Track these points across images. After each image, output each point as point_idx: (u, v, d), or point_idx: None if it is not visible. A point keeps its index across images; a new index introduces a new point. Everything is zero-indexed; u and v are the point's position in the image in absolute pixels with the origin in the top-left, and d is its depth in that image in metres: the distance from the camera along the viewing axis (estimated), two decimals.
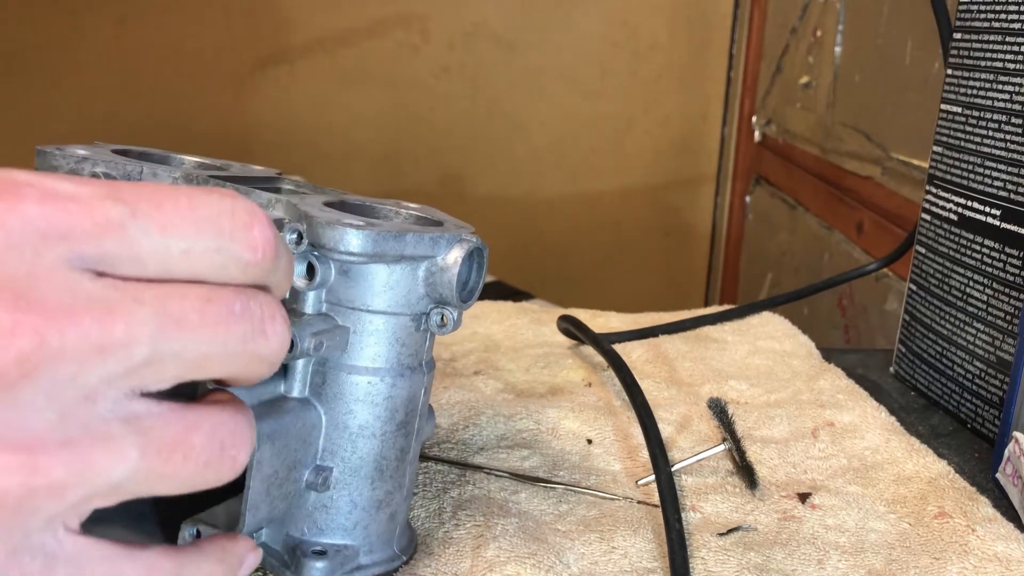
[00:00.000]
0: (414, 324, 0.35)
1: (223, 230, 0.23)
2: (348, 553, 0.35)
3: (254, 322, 0.24)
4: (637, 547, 0.40)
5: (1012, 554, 0.41)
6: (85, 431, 0.21)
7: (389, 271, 0.33)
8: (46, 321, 0.20)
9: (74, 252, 0.21)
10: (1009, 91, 0.51)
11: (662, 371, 0.60)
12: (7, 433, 0.20)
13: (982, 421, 0.54)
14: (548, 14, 1.75)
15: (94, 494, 0.22)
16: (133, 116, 1.69)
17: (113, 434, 0.22)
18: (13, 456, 0.20)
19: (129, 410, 0.22)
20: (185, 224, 0.23)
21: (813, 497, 0.45)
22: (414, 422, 0.36)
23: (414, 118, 1.77)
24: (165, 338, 0.22)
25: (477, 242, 0.35)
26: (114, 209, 0.22)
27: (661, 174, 1.86)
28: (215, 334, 0.23)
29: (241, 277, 0.24)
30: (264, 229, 0.24)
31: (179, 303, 0.22)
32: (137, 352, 0.21)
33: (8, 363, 0.20)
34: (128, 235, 0.22)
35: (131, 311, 0.21)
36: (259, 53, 1.71)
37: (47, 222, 0.21)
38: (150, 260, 0.22)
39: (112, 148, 0.40)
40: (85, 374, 0.21)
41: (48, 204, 0.21)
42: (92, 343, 0.21)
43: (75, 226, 0.21)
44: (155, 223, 0.22)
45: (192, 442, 0.23)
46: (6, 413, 0.20)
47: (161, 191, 0.23)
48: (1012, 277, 0.51)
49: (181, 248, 0.23)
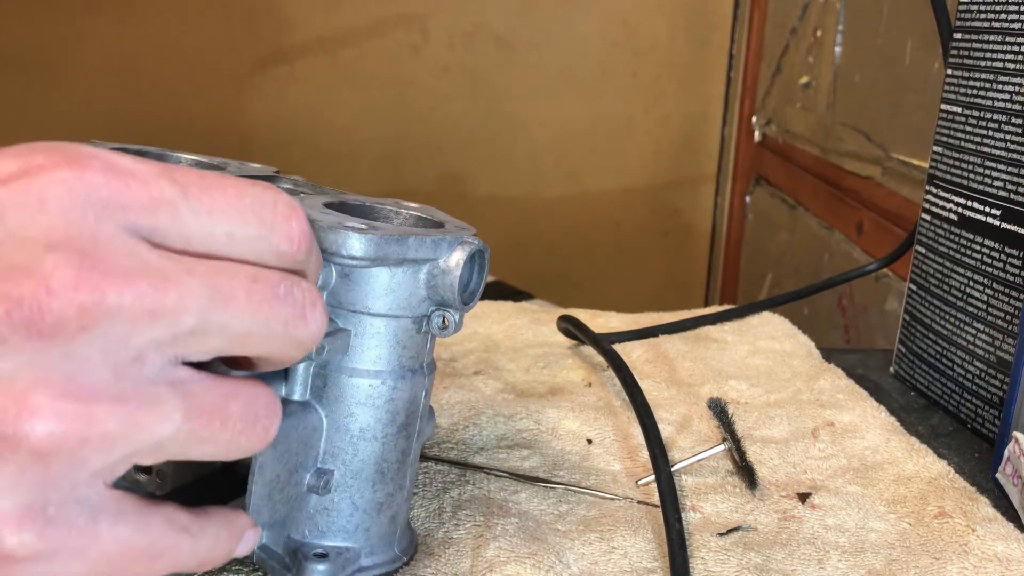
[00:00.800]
0: (415, 326, 0.35)
1: (265, 220, 0.25)
2: (349, 555, 0.35)
3: (296, 306, 0.25)
4: (637, 547, 0.40)
5: (1012, 554, 0.41)
6: (135, 390, 0.22)
7: (391, 274, 0.33)
8: (106, 280, 0.21)
9: (131, 222, 0.23)
10: (1009, 91, 0.51)
11: (662, 371, 0.60)
12: (65, 383, 0.21)
13: (982, 421, 0.54)
14: (548, 14, 1.75)
15: (137, 451, 0.23)
16: (133, 116, 1.69)
17: (160, 395, 0.23)
18: (71, 404, 0.21)
19: (174, 375, 0.23)
20: (231, 210, 0.24)
21: (813, 497, 0.45)
22: (415, 424, 0.36)
23: (414, 118, 1.77)
24: (213, 310, 0.23)
25: (478, 244, 0.35)
26: (169, 188, 0.23)
27: (661, 174, 1.86)
28: (259, 312, 0.24)
29: (276, 265, 0.25)
30: (301, 223, 0.26)
31: (228, 279, 0.24)
32: (186, 321, 0.23)
33: (70, 315, 0.21)
34: (179, 213, 0.23)
35: (184, 281, 0.23)
36: (259, 53, 1.71)
37: (109, 192, 0.22)
38: (196, 238, 0.24)
39: (109, 147, 0.40)
40: (137, 335, 0.22)
41: (111, 176, 0.22)
42: (146, 306, 0.22)
43: (134, 198, 0.23)
44: (204, 205, 0.24)
45: (230, 410, 0.24)
46: (65, 363, 0.21)
47: (211, 178, 0.24)
48: (1012, 277, 0.51)
49: (225, 231, 0.24)
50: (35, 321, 0.21)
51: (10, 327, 0.21)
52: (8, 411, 0.21)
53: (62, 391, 0.21)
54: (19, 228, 0.21)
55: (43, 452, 0.21)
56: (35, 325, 0.21)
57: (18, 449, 0.21)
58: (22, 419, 0.21)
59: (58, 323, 0.21)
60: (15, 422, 0.21)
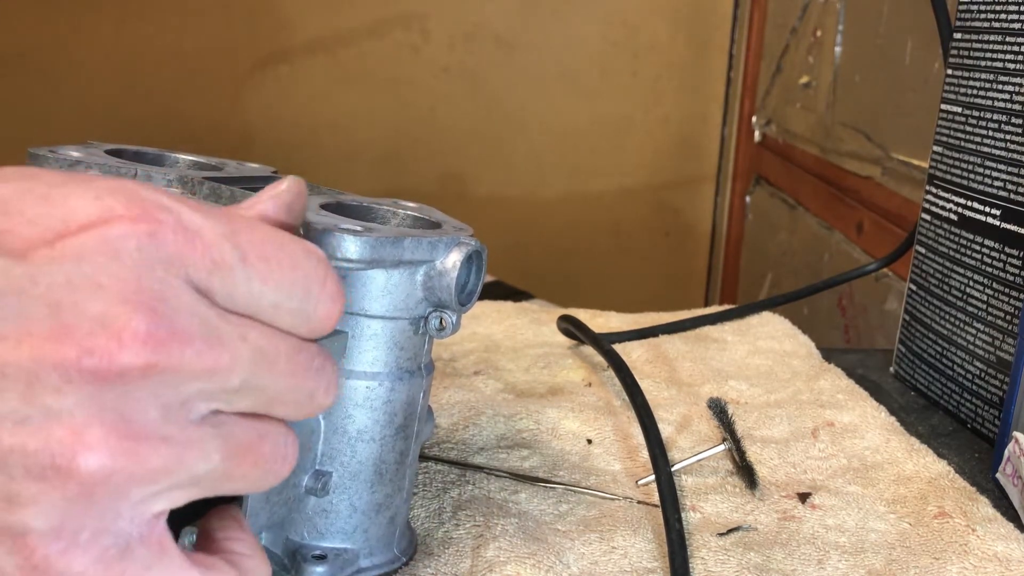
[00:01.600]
0: (412, 328, 0.34)
1: (311, 295, 0.27)
2: (348, 557, 0.35)
3: (323, 380, 0.27)
4: (637, 547, 0.40)
5: (1012, 554, 0.41)
6: (180, 431, 0.24)
7: (387, 276, 0.33)
8: (172, 337, 0.23)
9: (191, 278, 0.24)
10: (1009, 91, 0.51)
11: (662, 371, 0.60)
12: (118, 422, 0.23)
13: (982, 421, 0.54)
14: (548, 14, 1.75)
15: (176, 486, 0.25)
16: (133, 116, 1.69)
17: (202, 436, 0.25)
18: (123, 442, 0.23)
19: (215, 418, 0.25)
20: (284, 283, 0.26)
21: (813, 497, 0.45)
22: (413, 425, 0.36)
23: (414, 118, 1.77)
24: (256, 374, 0.25)
25: (476, 245, 0.34)
26: (230, 252, 0.25)
27: (661, 174, 1.85)
28: (294, 382, 0.27)
29: (305, 335, 0.27)
30: (341, 297, 0.28)
31: (275, 347, 0.26)
32: (233, 380, 0.25)
33: (136, 367, 0.23)
34: (234, 277, 0.25)
35: (237, 346, 0.25)
36: (259, 53, 1.71)
37: (177, 249, 0.24)
38: (242, 302, 0.25)
39: (106, 148, 0.40)
40: (188, 386, 0.24)
41: (180, 233, 0.24)
42: (203, 365, 0.24)
43: (197, 260, 0.24)
44: (259, 274, 0.26)
45: (263, 451, 0.26)
46: (120, 404, 0.23)
47: (272, 245, 0.26)
48: (1012, 277, 0.51)
49: (272, 302, 0.26)
50: (102, 369, 0.23)
51: (79, 371, 0.23)
52: (64, 443, 0.23)
53: (115, 429, 0.23)
54: (94, 275, 0.23)
55: (91, 483, 0.23)
56: (102, 372, 0.23)
57: (69, 479, 0.23)
58: (77, 452, 0.23)
59: (123, 373, 0.23)
60: (70, 455, 0.23)
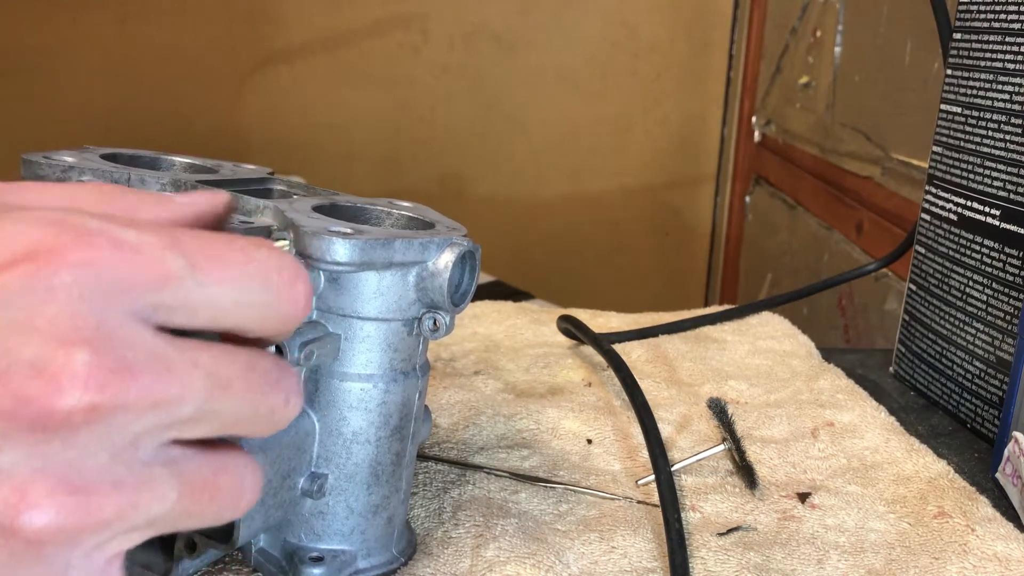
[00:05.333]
0: (406, 329, 0.34)
1: (271, 285, 0.25)
2: (345, 558, 0.35)
3: (282, 392, 0.26)
4: (637, 547, 0.40)
5: (1012, 554, 0.41)
6: (131, 473, 0.23)
7: (379, 278, 0.33)
8: (115, 377, 0.21)
9: (136, 303, 0.22)
10: (1009, 91, 0.51)
11: (662, 371, 0.60)
12: (65, 473, 0.22)
13: (982, 421, 0.54)
14: (548, 14, 1.75)
15: (132, 529, 0.23)
16: (133, 116, 1.69)
17: (155, 476, 0.23)
18: (70, 497, 0.21)
19: (168, 455, 0.24)
20: (239, 278, 0.24)
21: (813, 497, 0.45)
22: (409, 426, 0.36)
23: (414, 118, 1.77)
24: (210, 400, 0.23)
25: (468, 245, 0.34)
26: (175, 262, 0.23)
27: (661, 174, 1.86)
28: (252, 401, 0.25)
29: (279, 328, 0.26)
30: (306, 285, 0.26)
31: (227, 368, 0.24)
32: (185, 410, 0.23)
33: (79, 409, 0.21)
34: (185, 287, 0.23)
35: (187, 372, 0.23)
36: (259, 53, 1.71)
37: (115, 274, 0.22)
38: (202, 311, 0.24)
39: (101, 152, 0.39)
40: (137, 423, 0.22)
41: (117, 254, 0.22)
42: (150, 399, 0.22)
43: (139, 279, 0.22)
44: (211, 276, 0.24)
45: (220, 484, 0.25)
46: (64, 453, 0.21)
47: (217, 243, 0.24)
48: (1012, 277, 0.51)
49: (232, 300, 0.24)
50: (42, 418, 0.21)
51: (15, 424, 0.21)
52: (8, 502, 0.21)
53: (62, 483, 0.21)
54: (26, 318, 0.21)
55: (38, 541, 0.21)
56: (41, 422, 0.21)
57: (13, 538, 0.21)
58: (20, 511, 0.21)
59: (65, 419, 0.21)
60: (13, 514, 0.21)
